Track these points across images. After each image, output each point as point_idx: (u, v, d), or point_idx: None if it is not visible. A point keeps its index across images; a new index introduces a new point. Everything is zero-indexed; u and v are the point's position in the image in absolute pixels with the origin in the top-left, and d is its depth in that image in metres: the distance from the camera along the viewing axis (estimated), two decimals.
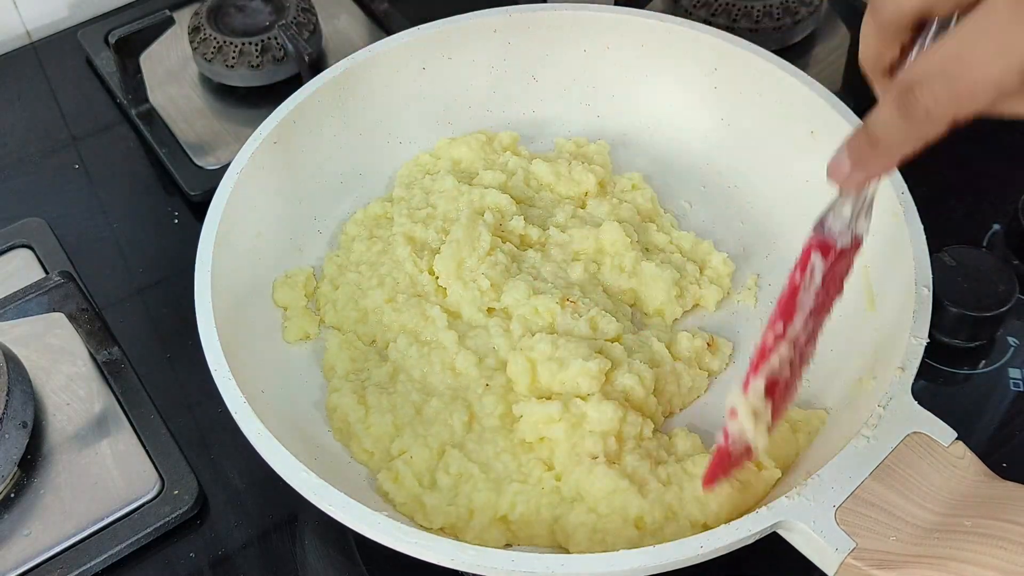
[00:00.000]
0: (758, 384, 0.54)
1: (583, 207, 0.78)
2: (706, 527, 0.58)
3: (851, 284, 0.67)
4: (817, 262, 0.52)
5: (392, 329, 0.69)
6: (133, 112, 0.91)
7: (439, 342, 0.67)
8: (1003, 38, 0.39)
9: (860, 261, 0.55)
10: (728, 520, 0.54)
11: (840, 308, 0.68)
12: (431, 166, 0.81)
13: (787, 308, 0.53)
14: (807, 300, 0.53)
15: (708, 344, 0.69)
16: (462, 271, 0.70)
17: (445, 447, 0.63)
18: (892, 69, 0.48)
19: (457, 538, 0.57)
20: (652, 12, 0.80)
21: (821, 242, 0.52)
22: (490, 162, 0.80)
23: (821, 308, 0.54)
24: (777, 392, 0.55)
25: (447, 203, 0.75)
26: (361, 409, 0.65)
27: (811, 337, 0.55)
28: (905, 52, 0.47)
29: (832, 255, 0.52)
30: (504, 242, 0.72)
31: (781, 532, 0.54)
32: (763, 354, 0.54)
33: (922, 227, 0.64)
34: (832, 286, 0.54)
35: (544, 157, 0.79)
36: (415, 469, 0.62)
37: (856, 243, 0.52)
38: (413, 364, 0.67)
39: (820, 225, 0.52)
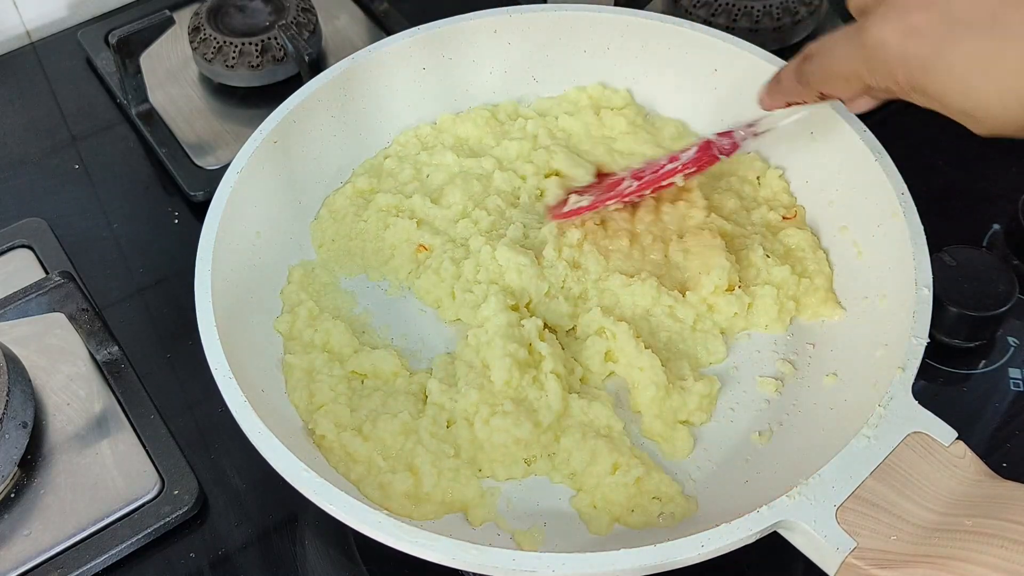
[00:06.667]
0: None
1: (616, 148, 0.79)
2: None
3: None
4: (695, 156, 0.68)
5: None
6: (133, 112, 0.91)
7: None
8: (848, 47, 0.55)
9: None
10: None
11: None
12: (431, 139, 0.81)
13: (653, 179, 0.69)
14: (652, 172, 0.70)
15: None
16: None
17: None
18: None
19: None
20: (652, 12, 0.80)
21: (719, 145, 0.68)
22: (503, 132, 0.80)
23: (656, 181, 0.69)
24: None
25: (444, 177, 0.76)
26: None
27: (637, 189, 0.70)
28: None
29: (708, 157, 0.68)
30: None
31: (781, 532, 0.54)
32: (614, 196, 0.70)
33: (922, 227, 0.64)
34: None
35: (566, 111, 0.80)
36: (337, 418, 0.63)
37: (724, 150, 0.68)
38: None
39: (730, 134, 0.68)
